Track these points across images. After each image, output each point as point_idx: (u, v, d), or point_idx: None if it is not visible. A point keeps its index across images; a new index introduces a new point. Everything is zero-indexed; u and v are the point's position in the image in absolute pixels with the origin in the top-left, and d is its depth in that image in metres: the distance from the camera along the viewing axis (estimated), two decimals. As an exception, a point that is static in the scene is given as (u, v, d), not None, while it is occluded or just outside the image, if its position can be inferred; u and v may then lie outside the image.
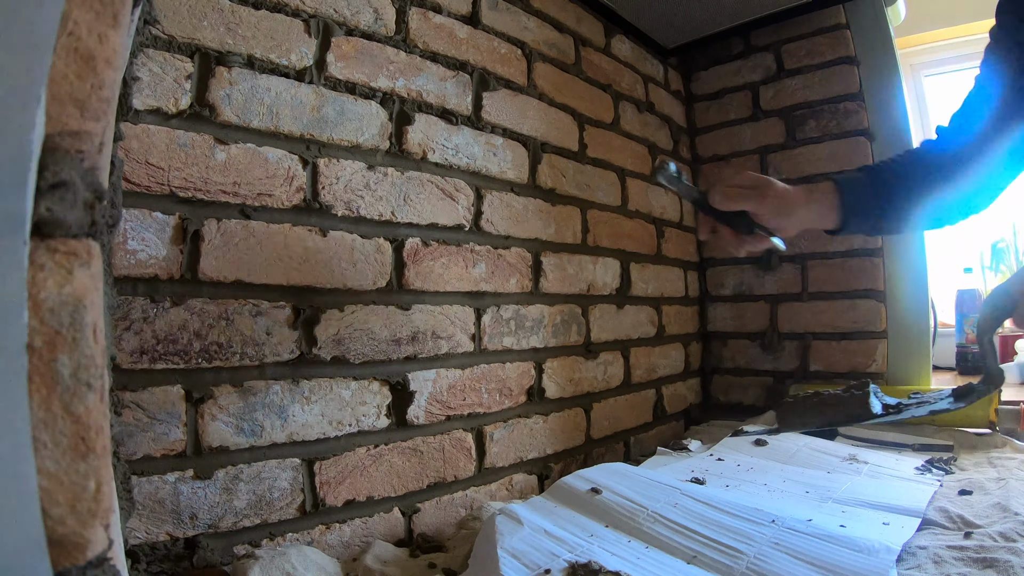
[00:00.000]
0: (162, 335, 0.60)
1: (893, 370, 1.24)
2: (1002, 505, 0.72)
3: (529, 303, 0.99)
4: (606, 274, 1.16)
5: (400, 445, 0.78)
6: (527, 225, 1.00)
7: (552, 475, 0.99)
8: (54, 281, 0.25)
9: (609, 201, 1.19)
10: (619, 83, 1.26)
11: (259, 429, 0.66)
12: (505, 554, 0.59)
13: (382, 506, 0.76)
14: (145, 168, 0.60)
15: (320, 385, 0.71)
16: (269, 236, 0.68)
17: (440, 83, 0.88)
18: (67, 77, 0.26)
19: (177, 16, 0.62)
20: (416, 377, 0.81)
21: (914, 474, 0.89)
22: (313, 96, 0.73)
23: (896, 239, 1.25)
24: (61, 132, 0.26)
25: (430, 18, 0.88)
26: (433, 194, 0.85)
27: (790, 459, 0.97)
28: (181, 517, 0.60)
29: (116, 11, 0.28)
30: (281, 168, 0.70)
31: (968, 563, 0.59)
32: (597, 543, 0.63)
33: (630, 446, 1.18)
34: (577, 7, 1.17)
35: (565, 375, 1.04)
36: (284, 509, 0.67)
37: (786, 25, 1.36)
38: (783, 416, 0.71)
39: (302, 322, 0.70)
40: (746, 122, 1.44)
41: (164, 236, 0.61)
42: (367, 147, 0.78)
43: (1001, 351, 1.68)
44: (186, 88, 0.63)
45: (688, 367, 1.41)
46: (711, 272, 1.49)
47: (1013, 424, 1.06)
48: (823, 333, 1.32)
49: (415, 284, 0.82)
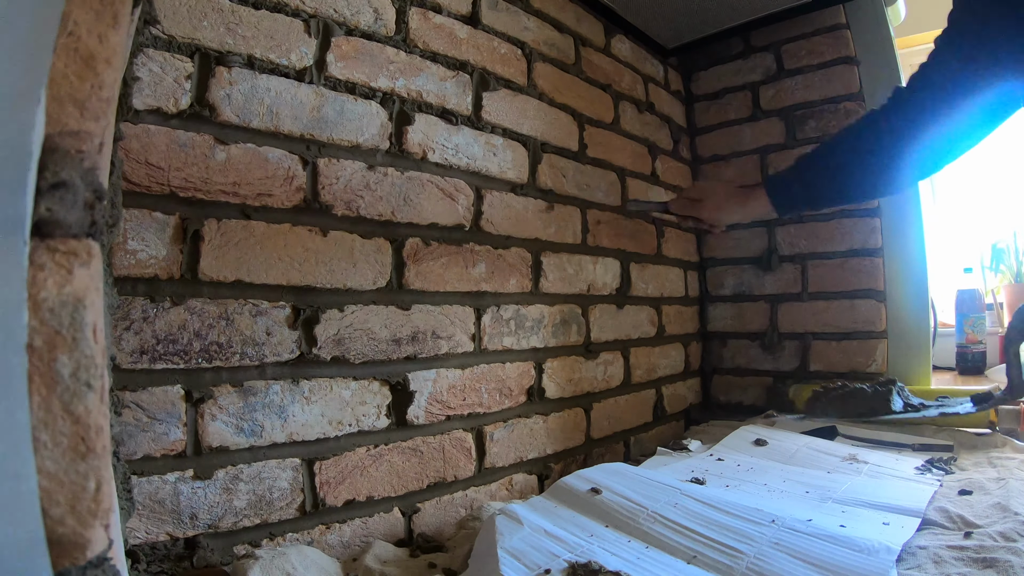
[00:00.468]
0: (162, 335, 0.60)
1: (893, 370, 1.24)
2: (1002, 505, 0.72)
3: (529, 303, 0.99)
4: (606, 274, 1.16)
5: (400, 445, 0.78)
6: (527, 225, 1.00)
7: (552, 475, 0.99)
8: (54, 281, 0.25)
9: (609, 201, 1.19)
10: (619, 83, 1.26)
11: (259, 429, 0.66)
12: (505, 554, 0.59)
13: (382, 506, 0.76)
14: (145, 168, 0.60)
15: (320, 385, 0.71)
16: (269, 236, 0.68)
17: (440, 83, 0.88)
18: (67, 77, 0.26)
19: (177, 16, 0.62)
20: (416, 377, 0.81)
21: (914, 474, 0.89)
22: (313, 96, 0.73)
23: (896, 239, 1.25)
24: (61, 132, 0.26)
25: (430, 18, 0.88)
26: (433, 194, 0.85)
27: (790, 459, 0.97)
28: (181, 517, 0.60)
29: (116, 11, 0.28)
30: (281, 168, 0.70)
31: (968, 563, 0.59)
32: (597, 543, 0.63)
33: (630, 446, 1.18)
34: (577, 7, 1.17)
35: (565, 375, 1.04)
36: (284, 509, 0.67)
37: (786, 25, 1.36)
38: (812, 405, 0.72)
39: (302, 322, 0.70)
40: (746, 122, 1.44)
41: (164, 236, 0.61)
42: (367, 147, 0.78)
43: (1001, 351, 1.68)
44: (186, 88, 0.63)
45: (688, 367, 1.41)
46: (711, 272, 1.49)
47: (1013, 424, 1.06)
48: (823, 333, 1.32)
49: (415, 284, 0.82)
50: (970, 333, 1.56)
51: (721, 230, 1.06)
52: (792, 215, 1.05)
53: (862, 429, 1.12)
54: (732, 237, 1.46)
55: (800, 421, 1.19)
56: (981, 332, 1.56)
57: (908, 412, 0.66)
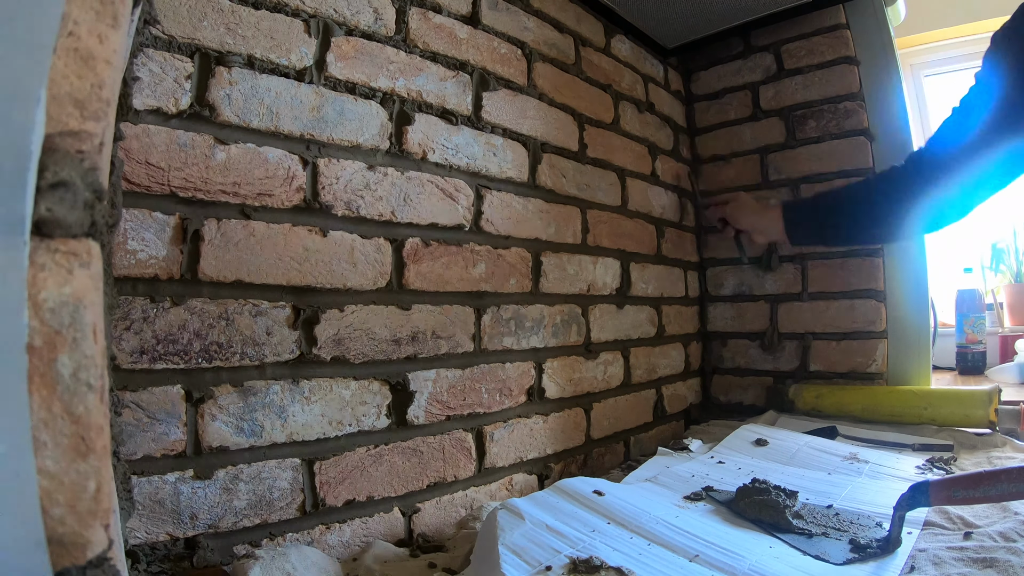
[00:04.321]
0: (162, 335, 0.60)
1: (893, 370, 1.24)
2: (1002, 505, 0.72)
3: (529, 303, 0.99)
4: (606, 274, 1.16)
5: (400, 445, 0.78)
6: (527, 225, 1.00)
7: (552, 475, 0.99)
8: (54, 281, 0.25)
9: (609, 201, 1.19)
10: (619, 83, 1.26)
11: (259, 429, 0.66)
12: (506, 550, 0.59)
13: (382, 506, 0.76)
14: (145, 168, 0.60)
15: (320, 385, 0.71)
16: (269, 236, 0.68)
17: (440, 83, 0.88)
18: (67, 77, 0.26)
19: (177, 16, 0.62)
20: (416, 377, 0.81)
21: (915, 473, 0.89)
22: (313, 96, 0.73)
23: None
24: (61, 132, 0.26)
25: (430, 18, 0.88)
26: (433, 194, 0.85)
27: (791, 459, 0.97)
28: (181, 517, 0.60)
29: (116, 11, 0.28)
30: (281, 168, 0.70)
31: (968, 563, 0.59)
32: (599, 538, 0.63)
33: (630, 446, 1.18)
34: (577, 7, 1.17)
35: (565, 375, 1.04)
36: (284, 509, 0.67)
37: (786, 25, 1.36)
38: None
39: (302, 322, 0.70)
40: (746, 122, 1.44)
41: (164, 236, 0.61)
42: (367, 147, 0.78)
43: (1001, 351, 1.68)
44: (186, 88, 0.63)
45: (688, 367, 1.41)
46: (711, 272, 1.49)
47: (1013, 424, 1.06)
48: (823, 333, 1.32)
49: (415, 284, 0.82)
50: (970, 333, 1.56)
51: (758, 241, 1.25)
52: (801, 240, 1.15)
53: (862, 429, 1.13)
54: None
55: (800, 420, 1.19)
56: (981, 332, 1.56)
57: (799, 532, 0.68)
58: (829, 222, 1.05)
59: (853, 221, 1.01)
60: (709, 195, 1.43)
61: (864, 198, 0.99)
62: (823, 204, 1.07)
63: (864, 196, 1.00)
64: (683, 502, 0.78)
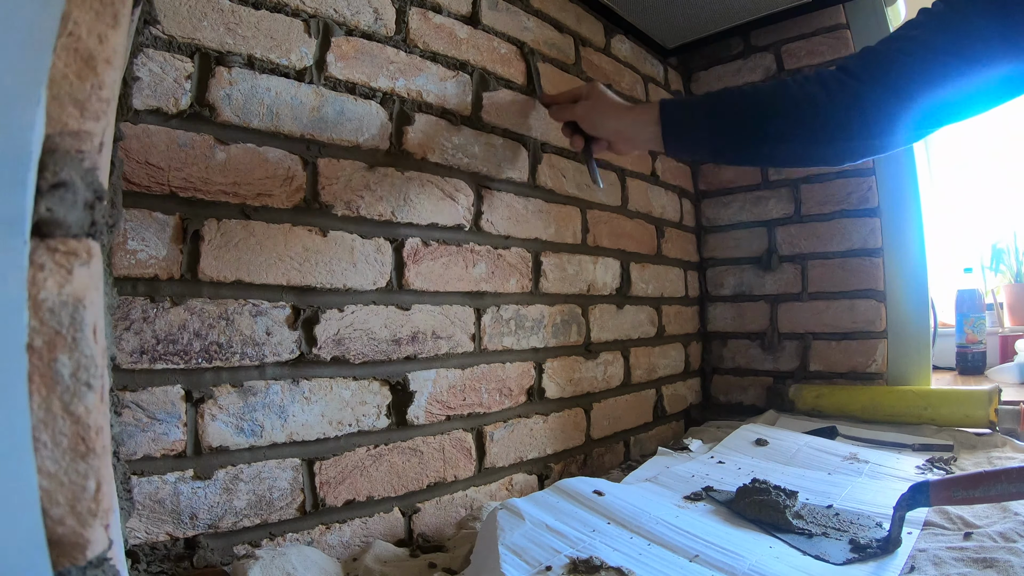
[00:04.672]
0: (162, 335, 0.60)
1: (893, 370, 1.25)
2: (1002, 505, 0.71)
3: (529, 303, 0.99)
4: (606, 274, 1.16)
5: (400, 445, 0.78)
6: (527, 225, 1.00)
7: (552, 475, 0.99)
8: (54, 281, 0.25)
9: (609, 201, 1.19)
10: (619, 83, 1.26)
11: (259, 429, 0.66)
12: (506, 550, 0.59)
13: (382, 506, 0.76)
14: (145, 168, 0.60)
15: (320, 385, 0.71)
16: (269, 236, 0.68)
17: (440, 83, 0.88)
18: (67, 77, 0.26)
19: (177, 16, 0.62)
20: (416, 377, 0.81)
21: (915, 473, 0.89)
22: (313, 96, 0.73)
23: (896, 239, 1.25)
24: (61, 132, 0.26)
25: (430, 18, 0.88)
26: (433, 194, 0.85)
27: (791, 459, 0.97)
28: (181, 517, 0.60)
29: (116, 11, 0.28)
30: (281, 168, 0.70)
31: (968, 563, 0.59)
32: (599, 538, 0.63)
33: (630, 446, 1.18)
34: (577, 7, 1.17)
35: (565, 375, 1.04)
36: (284, 509, 0.67)
37: (786, 25, 1.36)
38: None
39: (302, 322, 0.70)
40: (746, 122, 1.44)
41: (164, 236, 0.61)
42: (367, 147, 0.78)
43: (1001, 351, 1.68)
44: (186, 88, 0.63)
45: (688, 367, 1.41)
46: (711, 272, 1.49)
47: (1013, 424, 1.06)
48: (823, 333, 1.32)
49: (415, 284, 0.82)
50: (970, 333, 1.56)
51: (619, 151, 0.91)
52: (677, 145, 0.82)
53: (863, 429, 1.13)
54: (732, 237, 1.46)
55: (800, 420, 1.20)
56: (981, 332, 1.56)
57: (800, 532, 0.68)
58: (731, 121, 0.77)
59: (769, 123, 0.73)
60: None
61: (791, 95, 0.73)
62: (727, 98, 0.79)
63: (792, 93, 0.73)
64: (683, 502, 0.78)
